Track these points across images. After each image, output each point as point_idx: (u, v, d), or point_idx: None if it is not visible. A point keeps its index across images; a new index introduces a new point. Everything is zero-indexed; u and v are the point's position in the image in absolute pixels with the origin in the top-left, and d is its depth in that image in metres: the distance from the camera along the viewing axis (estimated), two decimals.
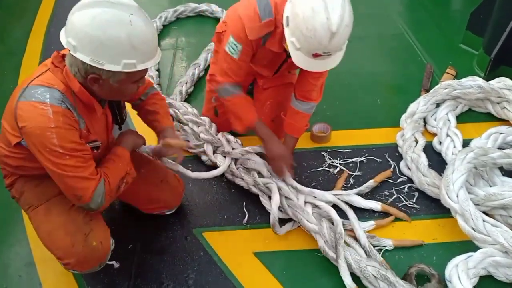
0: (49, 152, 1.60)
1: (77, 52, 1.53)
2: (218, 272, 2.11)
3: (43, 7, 4.31)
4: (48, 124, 1.56)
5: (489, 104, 2.74)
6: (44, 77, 1.63)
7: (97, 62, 1.53)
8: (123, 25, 1.51)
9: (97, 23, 1.49)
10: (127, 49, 1.54)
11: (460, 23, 3.45)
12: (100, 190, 1.72)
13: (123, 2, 1.54)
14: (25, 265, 2.18)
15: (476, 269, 1.94)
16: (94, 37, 1.50)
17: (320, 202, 2.24)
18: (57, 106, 1.59)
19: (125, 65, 1.56)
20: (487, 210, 2.16)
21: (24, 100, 1.58)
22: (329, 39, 1.81)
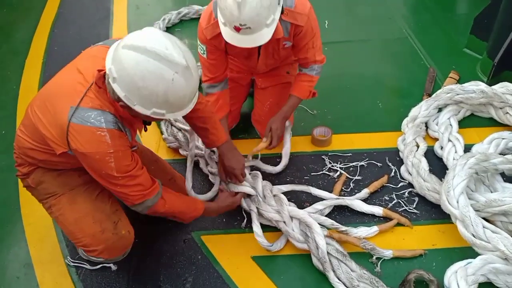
0: (104, 175, 1.72)
1: (115, 83, 1.56)
2: (215, 275, 2.10)
3: (48, 7, 4.34)
4: (108, 149, 1.64)
5: (492, 109, 2.72)
6: (91, 99, 1.65)
7: (129, 101, 1.58)
8: (164, 81, 1.53)
9: (140, 70, 1.51)
10: (160, 102, 1.58)
11: (464, 27, 3.43)
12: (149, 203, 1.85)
13: (173, 60, 1.53)
14: (23, 267, 2.19)
15: (476, 276, 1.92)
16: (133, 81, 1.53)
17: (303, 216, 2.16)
18: (112, 129, 1.65)
19: (154, 112, 1.61)
20: (488, 216, 2.14)
21: (79, 124, 1.62)
22: (237, 9, 1.88)
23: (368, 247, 2.11)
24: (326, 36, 3.56)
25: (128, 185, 1.76)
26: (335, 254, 2.04)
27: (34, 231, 2.33)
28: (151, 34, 1.57)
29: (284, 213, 2.17)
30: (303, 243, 2.12)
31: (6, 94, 3.29)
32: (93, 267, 2.13)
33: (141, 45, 1.52)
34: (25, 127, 1.86)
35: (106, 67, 1.58)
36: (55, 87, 1.79)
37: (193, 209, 2.04)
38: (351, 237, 2.15)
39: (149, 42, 1.52)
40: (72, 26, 4.03)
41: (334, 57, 3.41)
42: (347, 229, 2.17)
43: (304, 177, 2.52)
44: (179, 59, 1.55)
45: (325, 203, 2.30)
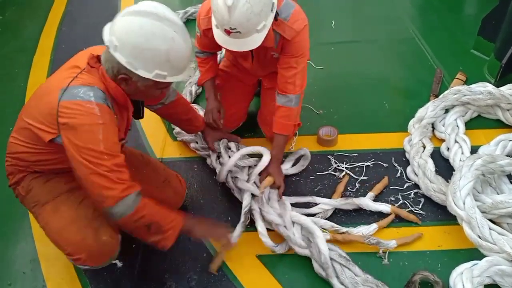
0: (89, 149, 1.62)
1: (116, 52, 1.61)
2: (220, 274, 2.11)
3: (55, 5, 4.36)
4: (97, 120, 1.63)
5: (499, 111, 2.71)
6: (83, 78, 1.69)
7: (132, 66, 1.62)
8: (166, 40, 1.62)
9: (144, 33, 1.59)
10: (162, 61, 1.64)
11: (471, 28, 3.42)
12: (129, 201, 1.70)
13: (171, 19, 1.63)
14: (29, 262, 2.20)
15: (481, 278, 1.91)
16: (137, 44, 1.59)
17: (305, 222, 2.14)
18: (102, 104, 1.65)
19: (157, 75, 1.66)
20: (494, 218, 2.13)
21: (68, 100, 1.63)
22: (228, 13, 1.91)
23: (373, 241, 2.11)
24: (332, 36, 3.60)
25: (112, 171, 1.65)
26: (338, 259, 2.02)
27: None
28: (147, 2, 1.67)
29: (286, 218, 2.16)
30: (305, 249, 2.10)
31: (14, 91, 3.31)
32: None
33: (141, 10, 1.62)
34: (17, 131, 1.85)
35: (105, 39, 1.64)
36: (47, 84, 1.81)
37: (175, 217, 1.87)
38: (354, 236, 2.15)
39: (148, 7, 1.63)
40: (79, 24, 4.05)
41: (341, 57, 3.43)
42: (348, 230, 2.18)
43: (309, 176, 2.52)
44: (177, 20, 1.66)
45: (332, 203, 2.30)
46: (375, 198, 2.37)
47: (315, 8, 3.83)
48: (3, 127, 2.99)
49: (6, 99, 3.25)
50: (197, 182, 2.54)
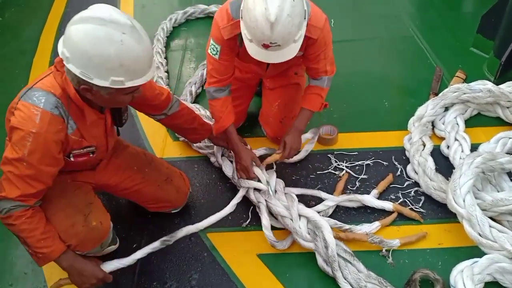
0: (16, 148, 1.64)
1: (69, 63, 1.58)
2: (221, 273, 2.11)
3: (55, 6, 4.36)
4: (31, 128, 1.62)
5: (499, 108, 2.71)
6: (46, 80, 1.70)
7: (86, 76, 1.58)
8: (113, 43, 1.55)
9: (88, 39, 1.54)
10: (115, 67, 1.57)
11: (471, 26, 3.41)
12: (6, 204, 1.69)
13: (118, 21, 1.56)
14: (31, 263, 2.19)
15: (482, 275, 1.92)
16: (84, 52, 1.54)
17: (312, 215, 2.16)
18: (47, 111, 1.64)
19: (113, 81, 1.60)
20: (494, 215, 2.13)
21: (23, 101, 1.66)
22: (270, 29, 1.85)
23: (376, 240, 2.12)
24: (332, 35, 3.58)
25: (18, 178, 1.66)
26: (343, 255, 2.04)
27: None
28: (94, 6, 1.61)
29: (293, 210, 2.17)
30: (310, 242, 2.11)
31: (14, 92, 3.24)
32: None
33: (85, 16, 1.57)
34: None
35: (59, 51, 1.61)
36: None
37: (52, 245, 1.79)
38: (358, 234, 2.15)
39: (93, 12, 1.57)
40: None
41: (340, 55, 3.38)
42: (351, 227, 2.18)
43: (310, 175, 2.52)
44: (124, 20, 1.58)
45: (337, 199, 2.31)
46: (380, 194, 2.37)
47: None
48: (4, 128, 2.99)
49: (6, 100, 3.21)
50: (198, 181, 2.55)
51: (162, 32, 3.69)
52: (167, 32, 3.74)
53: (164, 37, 3.67)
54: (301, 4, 1.93)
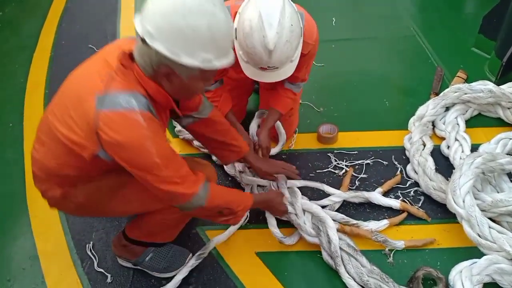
0: (146, 166, 1.52)
1: (154, 40, 1.42)
2: (219, 271, 2.11)
3: (55, 2, 4.35)
4: (145, 132, 1.47)
5: (500, 109, 2.70)
6: (119, 81, 1.49)
7: (174, 53, 1.42)
8: (206, 15, 1.42)
9: (180, 10, 1.39)
10: (206, 41, 1.44)
11: (472, 26, 3.40)
12: (199, 195, 1.66)
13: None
14: (29, 258, 2.20)
15: (481, 276, 1.91)
16: (175, 24, 1.40)
17: (316, 210, 2.17)
18: (146, 112, 1.48)
19: (203, 59, 1.46)
20: (494, 216, 2.13)
21: (108, 110, 1.44)
22: (268, 56, 1.83)
23: (380, 239, 2.12)
24: (333, 34, 3.59)
25: (175, 176, 1.58)
26: (346, 249, 2.04)
27: (40, 223, 2.34)
28: None
29: (297, 205, 2.17)
30: (315, 237, 2.12)
31: (14, 88, 3.30)
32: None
33: None
34: (43, 144, 1.66)
35: (138, 30, 1.44)
36: (73, 83, 1.60)
37: (243, 199, 1.90)
38: (362, 230, 2.15)
39: None
40: (79, 21, 4.04)
41: (341, 54, 3.42)
42: (358, 223, 2.18)
43: (309, 174, 2.51)
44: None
45: (343, 195, 2.30)
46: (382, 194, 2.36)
47: (315, 6, 3.80)
48: (3, 124, 3.00)
49: (6, 96, 3.24)
50: None
51: None
52: None
53: None
54: (298, 26, 1.90)
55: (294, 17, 1.86)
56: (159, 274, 2.07)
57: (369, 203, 2.32)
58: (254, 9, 1.82)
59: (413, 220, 2.26)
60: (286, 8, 1.83)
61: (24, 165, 2.66)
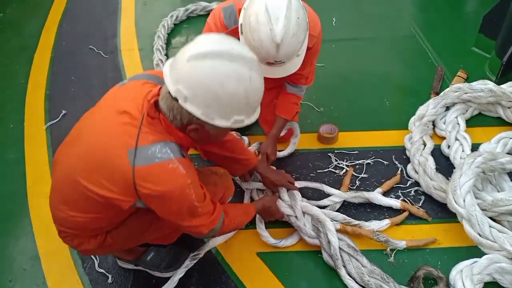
0: (185, 211, 1.55)
1: (187, 103, 1.41)
2: (220, 271, 2.11)
3: (56, 3, 4.35)
4: (186, 181, 1.48)
5: (500, 109, 2.71)
6: (149, 133, 1.47)
7: (208, 116, 1.43)
8: (243, 81, 1.42)
9: (217, 78, 1.38)
10: (241, 105, 1.46)
11: (472, 26, 3.40)
12: (217, 227, 1.72)
13: (245, 56, 1.44)
14: (30, 259, 2.21)
15: (481, 275, 1.92)
16: (211, 91, 1.39)
17: (316, 212, 2.17)
18: (181, 158, 1.49)
19: (235, 121, 1.48)
20: (494, 215, 2.13)
21: (144, 165, 1.44)
22: (275, 50, 1.82)
23: (382, 239, 2.12)
24: (333, 34, 3.59)
25: (204, 213, 1.62)
26: (346, 249, 2.05)
27: (41, 224, 2.35)
28: (209, 38, 1.46)
29: (297, 208, 2.18)
30: (315, 239, 2.12)
31: (15, 88, 3.31)
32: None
33: (208, 51, 1.39)
34: (70, 203, 1.61)
35: (171, 89, 1.42)
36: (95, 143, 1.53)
37: (248, 215, 1.99)
38: (364, 230, 2.16)
39: (214, 46, 1.41)
40: (80, 22, 4.05)
41: (342, 54, 3.42)
42: (360, 223, 2.18)
43: (310, 174, 2.52)
44: (249, 54, 1.46)
45: (343, 195, 2.30)
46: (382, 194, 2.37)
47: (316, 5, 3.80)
48: (3, 124, 3.00)
49: (7, 97, 3.25)
50: None
51: (163, 29, 3.69)
52: (168, 29, 3.73)
53: (165, 34, 3.66)
54: (305, 20, 1.89)
55: (300, 10, 1.86)
56: (161, 273, 2.07)
57: (370, 203, 2.32)
58: (260, 3, 1.82)
59: (413, 219, 2.26)
60: (292, 2, 1.83)
61: (25, 166, 2.67)
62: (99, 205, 1.55)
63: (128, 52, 3.61)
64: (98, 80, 3.32)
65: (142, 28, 3.87)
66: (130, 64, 3.47)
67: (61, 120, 2.97)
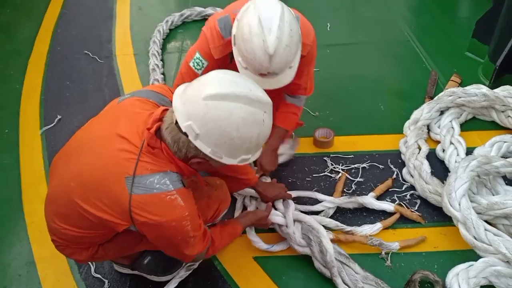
0: (179, 240, 1.56)
1: (197, 140, 1.41)
2: (217, 275, 2.10)
3: (51, 7, 4.35)
4: (183, 213, 1.49)
5: (494, 112, 2.73)
6: (149, 162, 1.47)
7: (216, 155, 1.44)
8: (257, 125, 1.44)
9: (234, 120, 1.39)
10: (251, 147, 1.48)
11: (466, 31, 3.44)
12: (202, 254, 1.74)
13: (261, 99, 1.44)
14: (25, 264, 2.19)
15: (477, 279, 1.92)
16: (226, 133, 1.40)
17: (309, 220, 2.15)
18: (181, 189, 1.49)
19: (242, 159, 1.51)
20: (490, 219, 2.14)
21: (143, 194, 1.45)
22: (268, 61, 1.81)
23: (376, 242, 2.12)
24: (328, 38, 3.61)
25: (195, 243, 1.63)
26: (338, 258, 2.04)
27: (37, 229, 2.33)
28: (226, 78, 1.45)
29: (288, 216, 2.16)
30: (305, 247, 2.10)
31: (9, 93, 3.30)
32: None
33: (228, 92, 1.39)
34: (64, 217, 1.62)
35: (181, 124, 1.40)
36: (94, 163, 1.53)
37: (234, 236, 1.97)
38: (357, 236, 2.16)
39: (232, 87, 1.41)
40: (75, 27, 4.05)
41: (336, 59, 3.44)
42: (352, 229, 2.18)
43: (305, 178, 2.52)
44: (265, 97, 1.47)
45: (336, 201, 2.30)
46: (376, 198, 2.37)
47: (310, 10, 3.82)
48: None
49: (1, 102, 3.23)
50: None
51: (158, 34, 3.69)
52: (163, 34, 3.74)
53: (160, 39, 3.67)
54: (298, 32, 1.89)
55: (293, 22, 1.87)
56: (158, 277, 2.06)
57: (366, 208, 2.32)
58: (253, 14, 1.82)
59: (409, 223, 2.27)
60: (285, 14, 1.84)
61: (20, 171, 2.66)
62: (93, 224, 1.56)
63: (123, 57, 3.61)
64: (93, 85, 3.32)
65: (137, 33, 3.87)
66: (125, 69, 3.47)
67: (56, 125, 2.96)
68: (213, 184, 2.01)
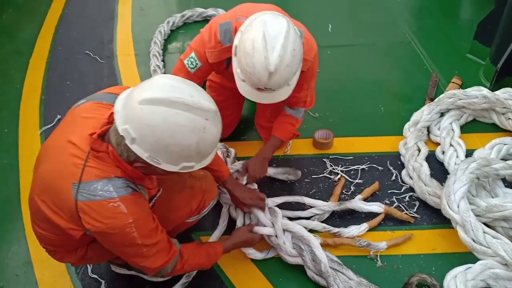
0: (127, 247, 1.54)
1: (134, 145, 1.38)
2: (214, 277, 2.10)
3: (52, 8, 4.35)
4: (126, 220, 1.46)
5: (494, 115, 2.72)
6: (94, 167, 1.46)
7: (154, 160, 1.40)
8: (196, 132, 1.38)
9: (169, 127, 1.35)
10: (192, 154, 1.43)
11: (467, 33, 3.42)
12: (168, 268, 1.69)
13: (202, 106, 1.39)
14: (22, 265, 2.19)
15: (475, 281, 1.92)
16: (161, 139, 1.36)
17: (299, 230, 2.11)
18: (125, 196, 1.47)
19: (184, 167, 1.46)
20: (488, 221, 2.13)
21: (86, 200, 1.44)
22: (267, 78, 1.81)
23: (363, 243, 2.11)
24: (329, 40, 3.61)
25: (150, 255, 1.59)
26: (331, 265, 2.02)
27: None
28: (166, 82, 1.41)
29: (277, 225, 2.12)
30: (296, 257, 2.08)
31: (10, 93, 3.30)
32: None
33: (164, 97, 1.35)
34: (40, 222, 1.65)
35: (118, 127, 1.38)
36: (49, 169, 1.55)
37: (213, 256, 1.90)
38: (345, 239, 2.15)
39: (171, 92, 1.36)
40: (76, 27, 4.05)
41: (337, 60, 3.44)
42: (339, 230, 2.18)
43: (304, 179, 2.52)
44: (208, 105, 1.41)
45: (325, 208, 2.28)
46: (369, 200, 2.36)
47: (312, 12, 3.84)
48: None
49: (1, 102, 3.24)
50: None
51: (159, 35, 3.69)
52: (164, 35, 3.74)
53: (161, 40, 3.67)
54: (300, 52, 1.88)
55: (297, 42, 1.85)
56: (155, 278, 2.06)
57: (351, 211, 2.31)
58: (258, 29, 1.80)
59: (408, 225, 2.26)
60: (291, 33, 1.82)
61: (19, 171, 2.66)
62: (60, 230, 1.56)
63: (124, 57, 3.61)
64: (94, 85, 3.31)
65: (138, 34, 3.87)
66: (126, 69, 3.47)
67: (56, 125, 2.96)
68: (196, 175, 1.98)
